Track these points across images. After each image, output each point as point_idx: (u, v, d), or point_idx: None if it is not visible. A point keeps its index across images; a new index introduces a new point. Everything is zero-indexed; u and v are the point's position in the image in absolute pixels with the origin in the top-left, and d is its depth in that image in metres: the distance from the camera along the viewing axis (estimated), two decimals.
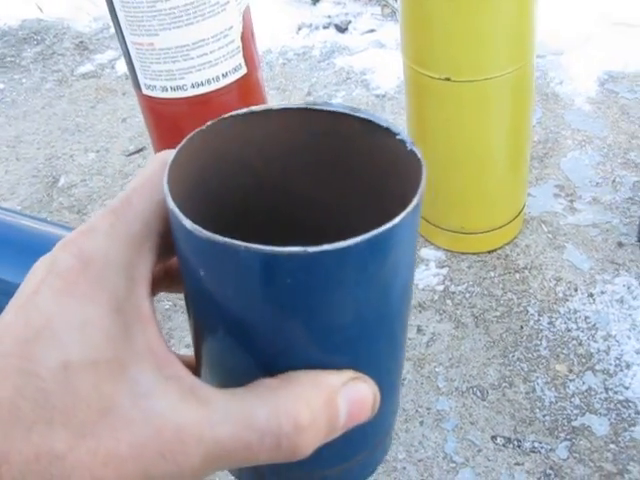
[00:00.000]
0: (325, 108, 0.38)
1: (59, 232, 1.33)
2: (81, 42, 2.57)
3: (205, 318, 0.39)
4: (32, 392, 0.25)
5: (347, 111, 0.38)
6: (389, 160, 0.41)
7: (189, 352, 1.11)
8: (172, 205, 0.31)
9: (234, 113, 0.36)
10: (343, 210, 0.45)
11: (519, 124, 1.24)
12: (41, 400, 0.25)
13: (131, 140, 1.95)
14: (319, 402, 0.26)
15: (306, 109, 0.38)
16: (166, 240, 0.29)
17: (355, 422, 0.28)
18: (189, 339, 1.32)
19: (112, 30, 2.60)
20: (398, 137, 0.38)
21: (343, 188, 0.45)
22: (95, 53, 2.47)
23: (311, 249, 0.29)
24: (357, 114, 0.39)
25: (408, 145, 0.37)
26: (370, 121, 0.39)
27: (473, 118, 1.18)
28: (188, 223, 0.30)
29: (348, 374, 0.27)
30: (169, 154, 0.29)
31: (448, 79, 1.13)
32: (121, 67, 2.34)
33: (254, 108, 0.36)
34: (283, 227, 0.46)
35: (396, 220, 0.33)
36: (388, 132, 0.38)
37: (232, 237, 0.34)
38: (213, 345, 0.39)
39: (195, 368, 0.38)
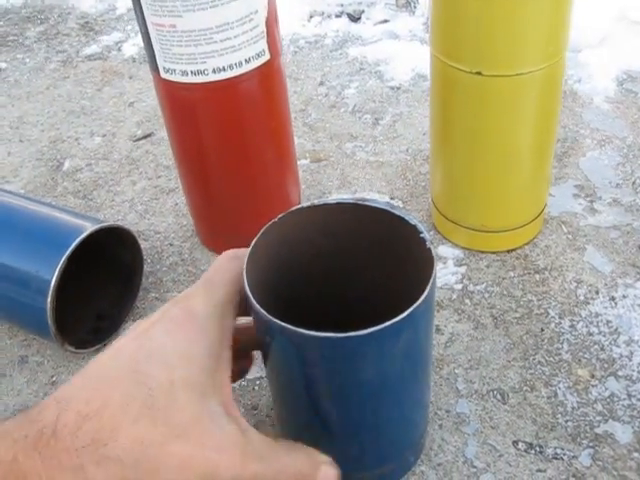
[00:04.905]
0: (372, 204, 0.63)
1: (66, 217, 1.28)
2: (86, 22, 2.51)
3: (273, 374, 0.69)
4: (141, 396, 0.33)
5: (388, 208, 0.59)
6: (411, 248, 0.60)
7: None
8: (252, 300, 0.48)
9: (301, 206, 0.63)
10: (377, 268, 0.71)
11: (547, 122, 1.21)
12: (148, 403, 0.33)
13: (138, 125, 1.91)
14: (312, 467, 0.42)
15: (357, 204, 0.64)
16: (240, 304, 0.43)
17: None
18: None
19: (119, 11, 2.55)
20: (421, 235, 0.59)
21: (378, 258, 0.68)
22: (101, 34, 2.42)
23: (339, 335, 0.49)
24: (395, 211, 0.61)
25: (427, 244, 0.59)
26: (403, 218, 0.60)
27: (502, 114, 1.14)
28: (260, 310, 0.48)
29: (327, 459, 0.44)
30: (233, 253, 0.48)
31: (479, 73, 1.09)
32: (128, 49, 2.29)
33: (316, 202, 0.66)
34: (335, 284, 0.75)
35: (403, 315, 0.53)
36: (415, 228, 0.58)
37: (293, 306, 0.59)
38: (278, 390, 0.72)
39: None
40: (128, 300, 1.33)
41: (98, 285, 1.32)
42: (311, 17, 2.30)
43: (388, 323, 0.54)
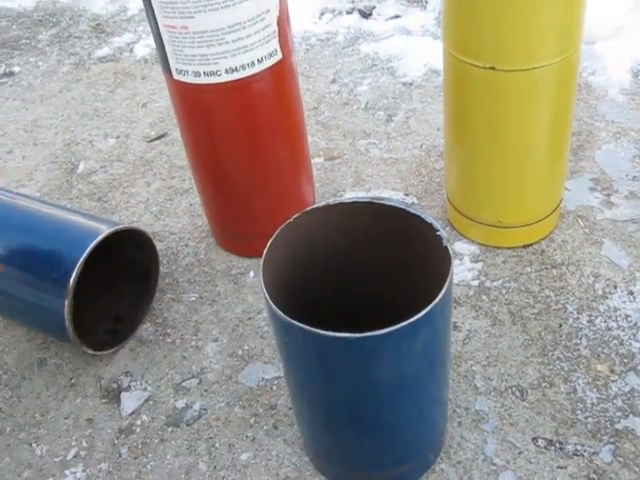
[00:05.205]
0: (387, 203, 0.67)
1: (82, 220, 1.29)
2: (98, 25, 2.52)
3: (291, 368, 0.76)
4: None
5: (403, 206, 0.62)
6: (428, 246, 0.62)
7: (215, 346, 1.11)
8: (270, 301, 0.57)
9: (317, 206, 0.68)
10: (392, 266, 0.74)
11: (562, 116, 1.20)
12: None
13: (152, 126, 1.91)
14: None
15: (372, 203, 0.67)
16: None
17: None
18: (216, 332, 1.29)
19: (130, 12, 2.56)
20: (437, 233, 0.62)
21: (393, 256, 0.71)
22: (112, 36, 2.43)
23: (357, 335, 0.54)
24: (410, 210, 0.63)
25: (444, 242, 0.62)
26: (419, 216, 0.63)
27: (517, 109, 1.13)
28: (278, 312, 0.56)
29: None
30: None
31: (493, 68, 1.08)
32: (140, 51, 2.30)
33: (331, 202, 0.71)
34: (351, 283, 0.78)
35: (421, 314, 0.55)
36: (431, 226, 0.61)
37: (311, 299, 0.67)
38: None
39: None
40: (145, 301, 1.33)
41: (115, 287, 1.33)
42: (322, 14, 2.30)
43: (405, 322, 0.57)
